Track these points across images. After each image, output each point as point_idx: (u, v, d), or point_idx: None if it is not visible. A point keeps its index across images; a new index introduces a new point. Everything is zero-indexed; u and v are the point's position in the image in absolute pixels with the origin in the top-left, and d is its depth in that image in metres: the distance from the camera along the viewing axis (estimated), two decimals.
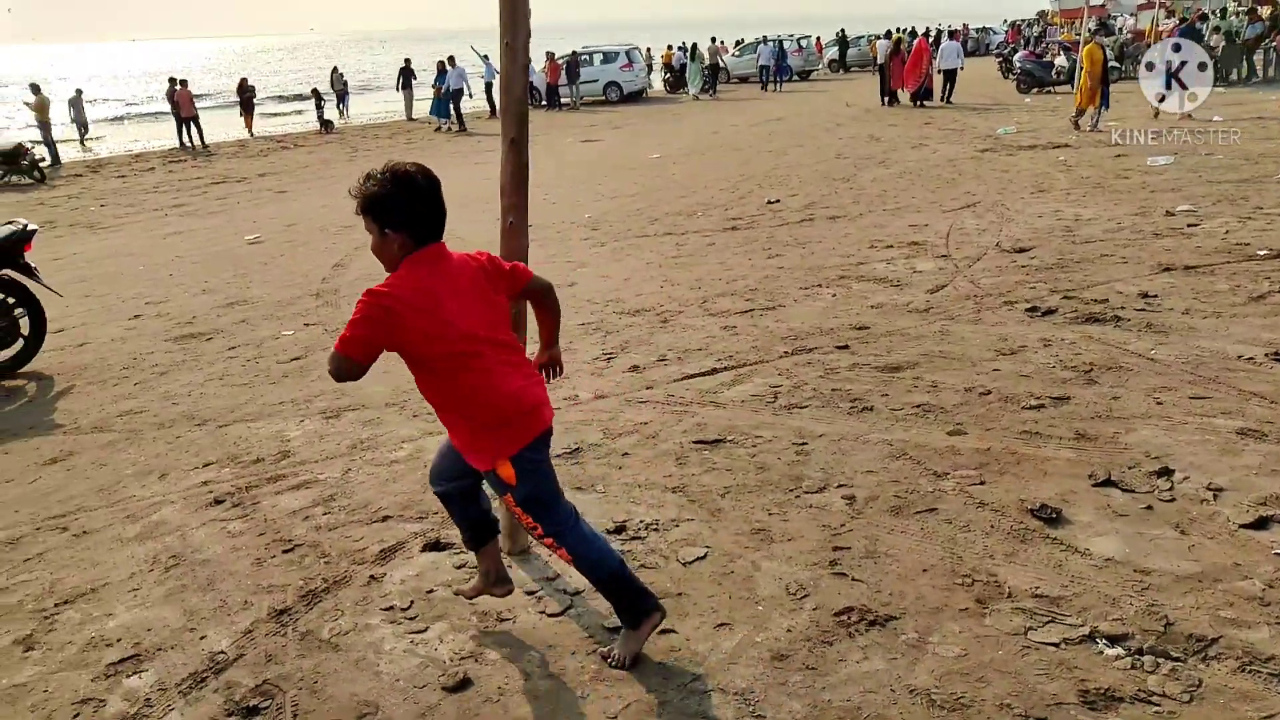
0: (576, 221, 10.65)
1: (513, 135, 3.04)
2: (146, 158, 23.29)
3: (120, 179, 19.55)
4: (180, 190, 17.21)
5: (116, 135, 31.82)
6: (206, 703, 2.83)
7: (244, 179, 18.33)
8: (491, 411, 2.61)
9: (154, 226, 13.38)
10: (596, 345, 6.05)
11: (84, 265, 10.48)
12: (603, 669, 2.84)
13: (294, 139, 26.03)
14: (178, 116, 24.73)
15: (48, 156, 21.73)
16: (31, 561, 3.84)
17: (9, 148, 19.90)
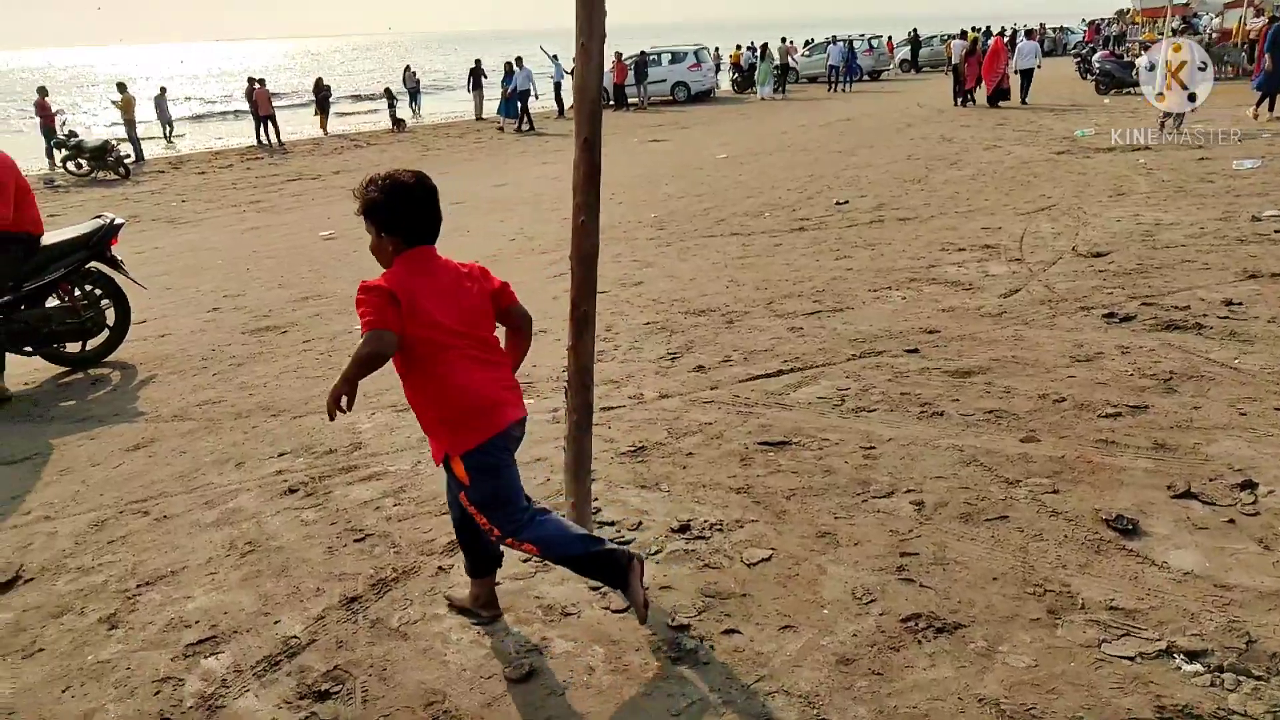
0: (643, 221, 10.68)
1: (586, 135, 3.06)
2: (225, 155, 23.96)
3: (200, 175, 20.15)
4: (257, 187, 17.67)
5: (197, 133, 32.79)
6: (280, 685, 2.90)
7: (318, 176, 18.75)
8: (450, 404, 2.73)
9: (232, 222, 13.76)
10: (661, 344, 6.06)
11: (165, 259, 10.82)
12: (667, 666, 2.85)
13: (366, 137, 26.55)
14: (256, 115, 25.42)
15: (132, 153, 22.48)
16: (115, 543, 3.98)
17: (96, 145, 20.65)
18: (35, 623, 3.40)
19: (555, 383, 5.48)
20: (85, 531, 4.11)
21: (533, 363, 5.88)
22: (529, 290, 7.86)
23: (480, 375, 2.77)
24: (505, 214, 12.19)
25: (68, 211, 14.64)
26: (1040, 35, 38.73)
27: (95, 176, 20.20)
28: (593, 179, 3.12)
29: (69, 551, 3.93)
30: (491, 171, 17.57)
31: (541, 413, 5.04)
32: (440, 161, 20.22)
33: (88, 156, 20.39)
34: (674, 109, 30.11)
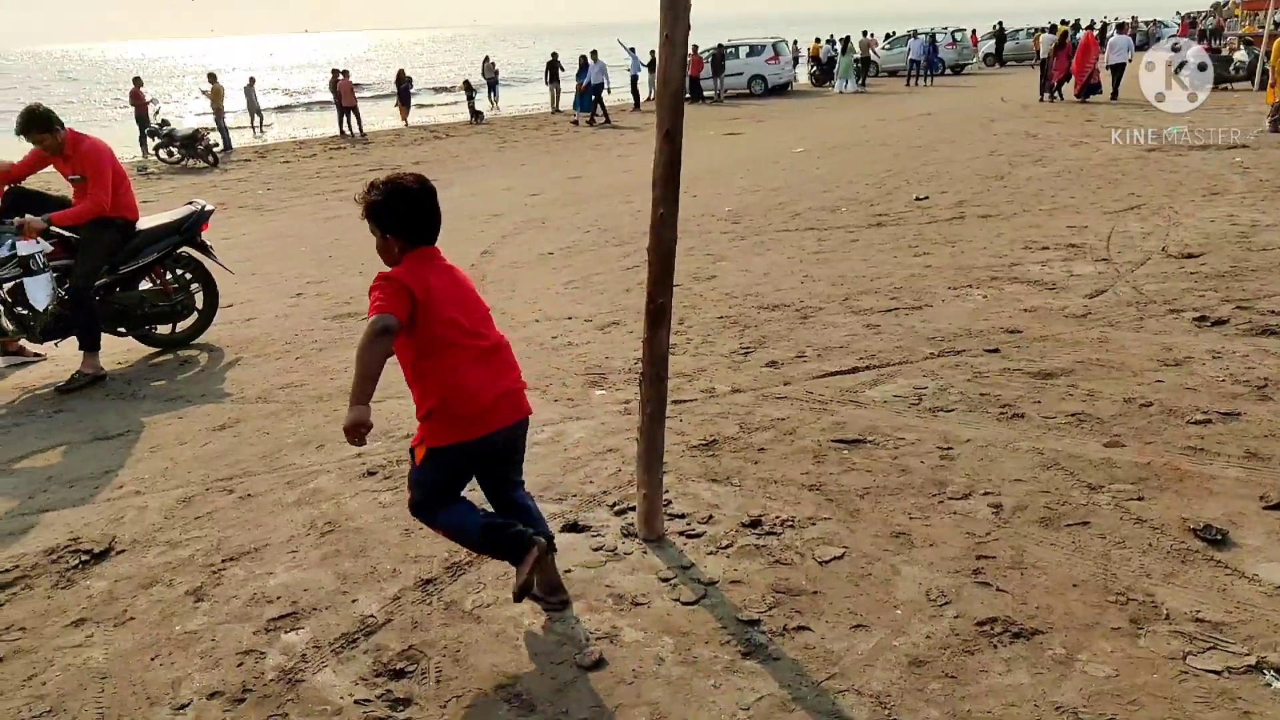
0: (717, 215, 10.65)
1: (668, 127, 3.06)
2: (309, 145, 24.54)
3: (285, 164, 20.67)
4: (340, 176, 18.05)
5: (283, 123, 33.64)
6: (357, 663, 2.98)
7: (398, 167, 19.01)
8: (444, 402, 2.81)
9: (315, 210, 14.10)
10: (734, 339, 6.04)
11: (251, 245, 11.13)
12: (736, 660, 2.85)
13: (445, 129, 26.93)
14: (339, 106, 25.97)
15: (221, 142, 23.19)
16: (202, 519, 4.12)
17: (187, 134, 21.36)
18: (126, 592, 3.54)
19: (627, 375, 5.50)
20: (173, 507, 4.26)
21: (605, 354, 5.92)
22: (603, 282, 7.93)
23: (483, 378, 2.85)
24: (580, 206, 12.26)
25: (160, 197, 15.16)
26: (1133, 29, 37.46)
27: (185, 164, 20.88)
28: (673, 172, 3.12)
29: (158, 526, 4.08)
30: (567, 164, 17.69)
31: (613, 404, 5.07)
32: (517, 154, 20.43)
33: (179, 145, 21.09)
34: (750, 102, 29.94)
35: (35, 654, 3.17)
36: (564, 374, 5.62)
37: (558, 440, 4.64)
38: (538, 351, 6.12)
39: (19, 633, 3.31)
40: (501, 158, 19.90)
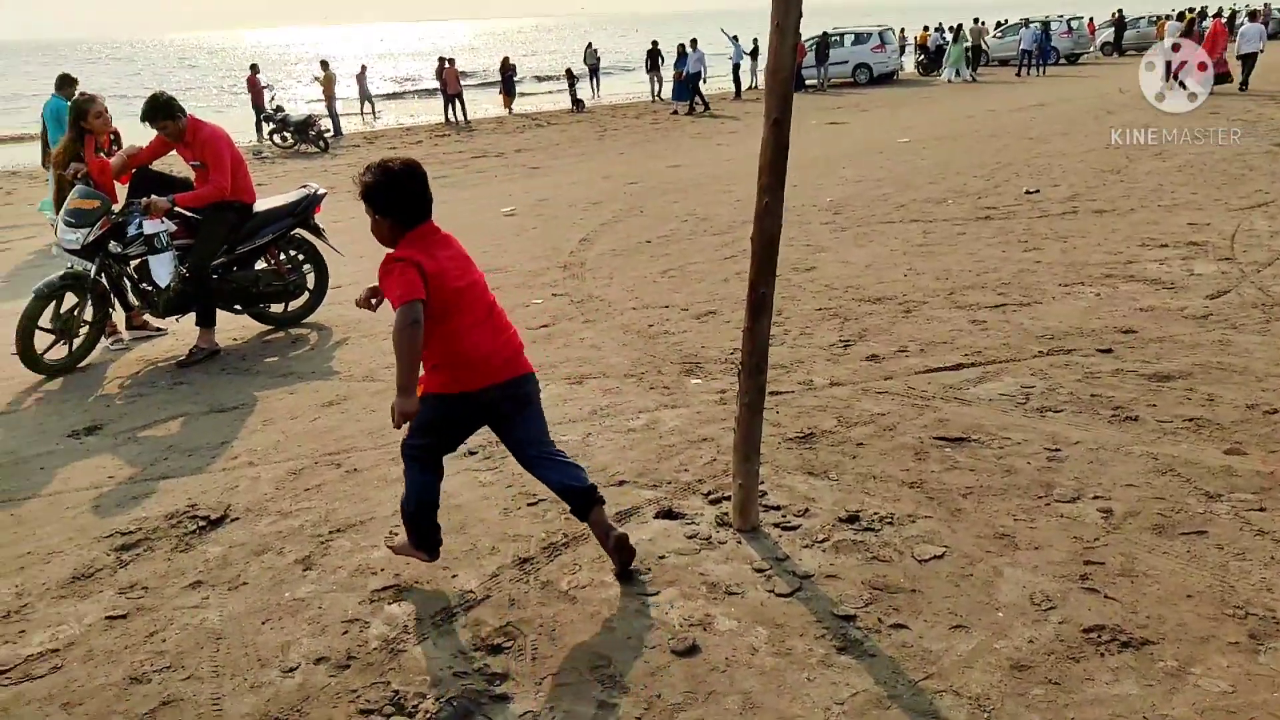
0: (818, 205, 10.52)
1: (776, 115, 3.03)
2: (415, 131, 25.12)
3: (392, 150, 21.18)
4: (444, 163, 18.43)
5: (391, 110, 34.49)
6: (456, 636, 3.05)
7: (501, 154, 19.39)
8: (447, 357, 3.04)
9: None
10: (834, 331, 5.96)
11: (359, 229, 11.37)
12: (830, 655, 2.82)
13: (547, 117, 27.24)
14: (445, 93, 26.49)
15: (331, 128, 23.90)
16: (311, 491, 4.27)
17: (300, 119, 22.09)
18: (240, 558, 3.70)
19: (723, 364, 5.49)
20: (284, 478, 4.43)
21: (701, 344, 5.92)
22: (701, 272, 7.92)
23: (483, 339, 3.08)
24: (679, 195, 12.26)
25: (273, 181, 15.72)
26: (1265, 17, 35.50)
27: (298, 149, 21.61)
28: (780, 160, 3.09)
29: (270, 496, 4.25)
30: (666, 152, 17.69)
31: (709, 394, 5.06)
32: (617, 142, 20.53)
33: (292, 130, 21.84)
34: (854, 91, 29.43)
35: (156, 612, 3.34)
36: (660, 362, 5.64)
37: (652, 427, 4.66)
38: (634, 339, 6.15)
39: (141, 591, 3.50)
40: (601, 146, 20.03)
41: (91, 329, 6.54)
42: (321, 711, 2.74)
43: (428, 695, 2.75)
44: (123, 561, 3.74)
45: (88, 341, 6.54)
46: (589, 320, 6.68)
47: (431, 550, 3.36)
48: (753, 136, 18.86)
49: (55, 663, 3.09)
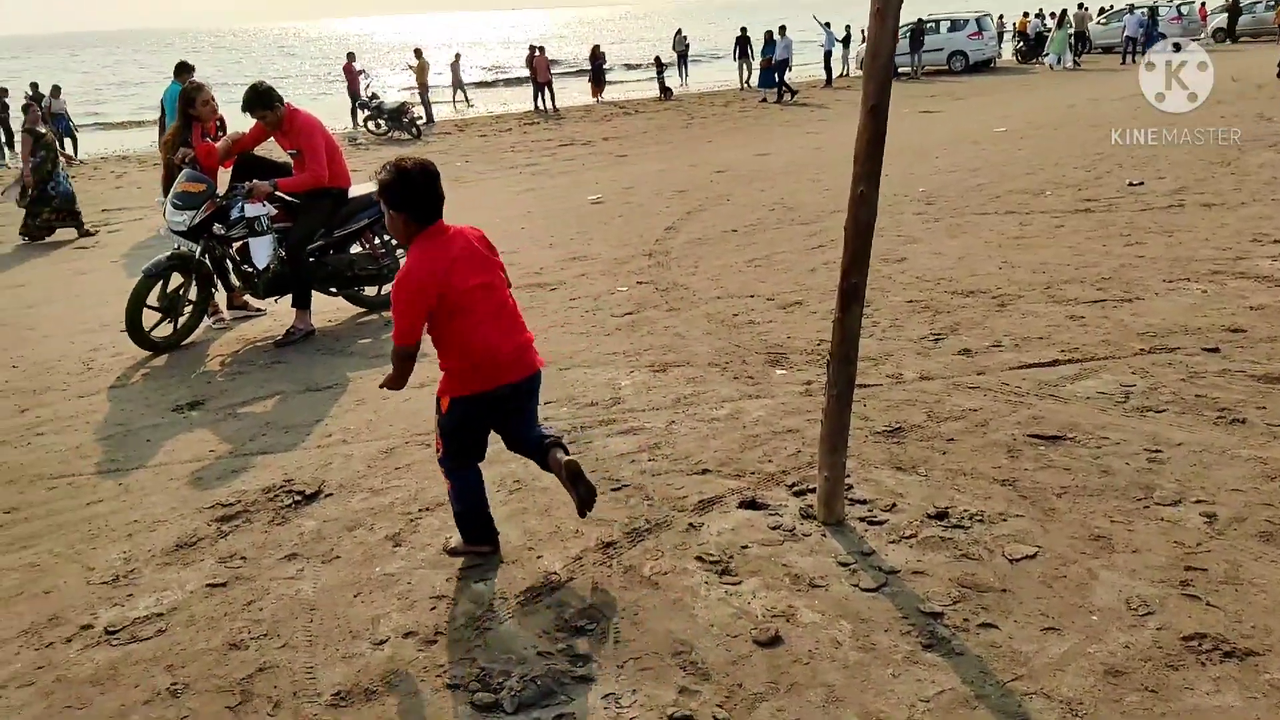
0: (909, 195, 10.31)
1: (874, 102, 2.98)
2: (505, 119, 25.41)
3: (482, 138, 21.50)
4: (533, 151, 18.63)
5: (482, 98, 34.95)
6: (540, 616, 3.09)
7: (588, 142, 19.49)
8: (462, 358, 3.21)
9: (509, 183, 14.60)
10: (924, 324, 5.84)
11: (449, 215, 11.57)
12: (916, 651, 2.78)
13: (635, 105, 27.26)
14: (534, 81, 26.71)
15: (424, 115, 24.33)
16: (401, 470, 4.37)
17: (394, 107, 22.53)
18: (333, 533, 3.81)
19: (809, 355, 5.43)
20: (376, 457, 4.54)
21: (787, 334, 5.87)
22: (787, 261, 7.84)
23: (495, 335, 3.22)
24: (766, 183, 12.15)
25: (367, 167, 16.04)
26: None
27: (391, 136, 22.05)
28: (876, 148, 3.04)
29: (362, 473, 4.36)
30: (754, 141, 17.55)
31: (794, 385, 5.02)
32: (704, 130, 20.45)
33: (386, 117, 22.30)
34: (949, 79, 28.73)
35: (254, 582, 3.47)
36: (744, 351, 5.61)
37: (736, 417, 4.64)
38: (718, 328, 6.12)
39: (240, 561, 3.63)
40: (689, 134, 19.97)
41: (195, 308, 6.80)
42: (409, 684, 2.81)
43: (512, 673, 2.80)
44: (223, 532, 3.89)
45: (191, 320, 6.80)
46: (673, 309, 6.68)
47: (491, 541, 3.50)
48: (842, 125, 18.59)
49: (160, 626, 3.23)
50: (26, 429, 5.33)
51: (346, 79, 24.96)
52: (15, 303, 8.81)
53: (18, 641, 3.21)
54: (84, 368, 6.42)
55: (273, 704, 2.77)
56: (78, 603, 3.43)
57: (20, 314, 8.27)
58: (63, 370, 6.42)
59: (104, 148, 24.10)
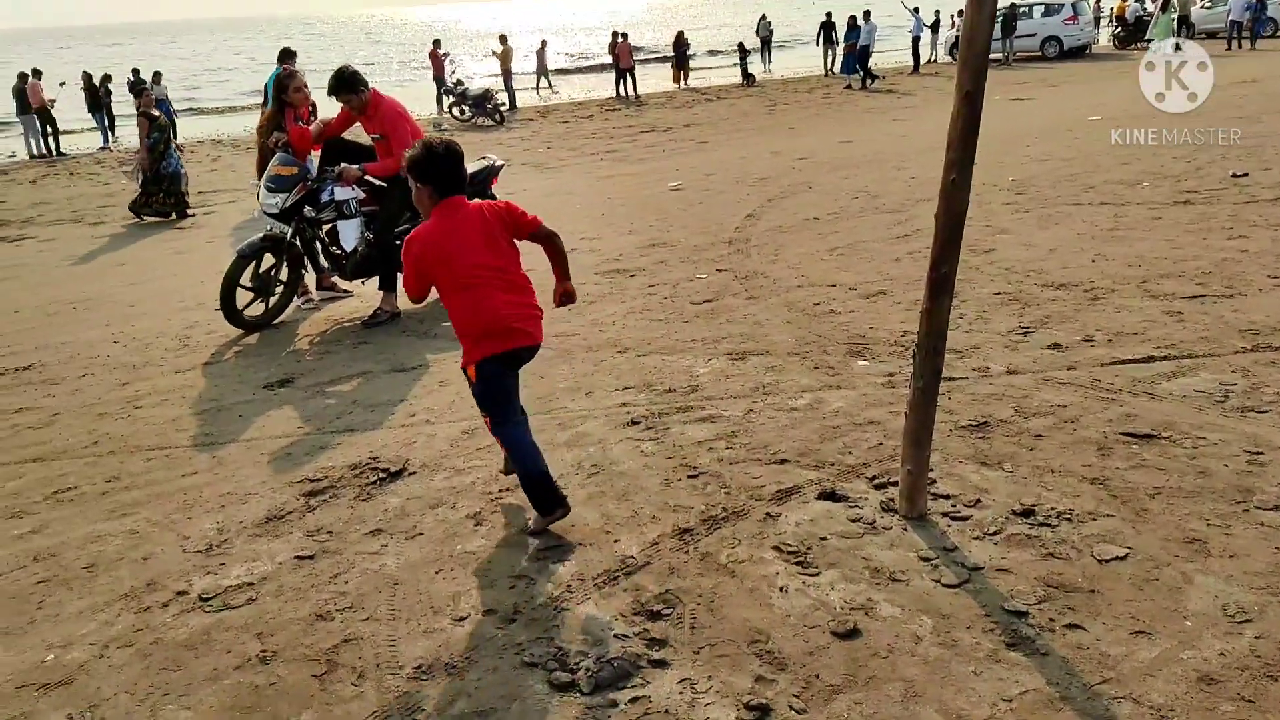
0: (998, 184, 10.05)
1: (968, 88, 2.91)
2: (587, 106, 25.52)
3: (564, 124, 21.63)
4: (614, 137, 18.67)
5: (563, 85, 35.11)
6: (617, 599, 3.11)
7: (669, 129, 19.45)
8: (473, 325, 3.50)
9: (590, 169, 14.67)
10: (1012, 317, 5.70)
11: (531, 201, 11.71)
12: (999, 650, 2.72)
13: (716, 91, 27.10)
14: (617, 68, 26.74)
15: (507, 101, 24.57)
16: (483, 450, 4.44)
17: (478, 93, 22.80)
18: (416, 510, 3.89)
19: (892, 346, 5.35)
20: (458, 437, 4.62)
21: (869, 324, 5.79)
22: (871, 250, 7.72)
23: (502, 304, 3.50)
24: (849, 171, 11.98)
25: None
26: None
27: (475, 122, 22.33)
28: (970, 135, 2.97)
29: (445, 453, 4.45)
30: (838, 128, 17.31)
31: (876, 376, 4.95)
32: (787, 117, 20.23)
33: (470, 104, 22.58)
34: (1041, 65, 27.89)
35: (340, 556, 3.57)
36: (825, 341, 5.54)
37: (816, 408, 4.60)
38: (799, 317, 6.07)
39: (327, 535, 3.74)
40: (771, 120, 19.79)
41: (286, 288, 7.00)
42: (489, 661, 2.86)
43: (589, 654, 2.83)
44: (311, 506, 4.01)
45: (282, 300, 7.00)
46: (753, 297, 6.64)
47: (561, 504, 3.60)
48: (929, 112, 18.20)
49: (250, 595, 3.34)
50: (127, 402, 5.56)
51: (432, 65, 25.34)
52: (118, 281, 9.18)
53: (119, 605, 3.36)
54: (181, 344, 6.67)
55: (357, 674, 2.85)
56: (174, 570, 3.57)
57: (122, 291, 8.63)
58: (161, 346, 6.67)
59: (200, 132, 24.94)
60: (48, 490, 4.40)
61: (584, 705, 2.63)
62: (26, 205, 14.92)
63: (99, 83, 23.34)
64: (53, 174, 18.75)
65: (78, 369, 6.29)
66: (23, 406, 5.62)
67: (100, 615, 3.29)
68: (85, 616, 3.29)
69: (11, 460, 4.80)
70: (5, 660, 3.07)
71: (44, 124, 21.81)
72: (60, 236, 12.12)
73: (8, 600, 3.44)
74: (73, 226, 12.83)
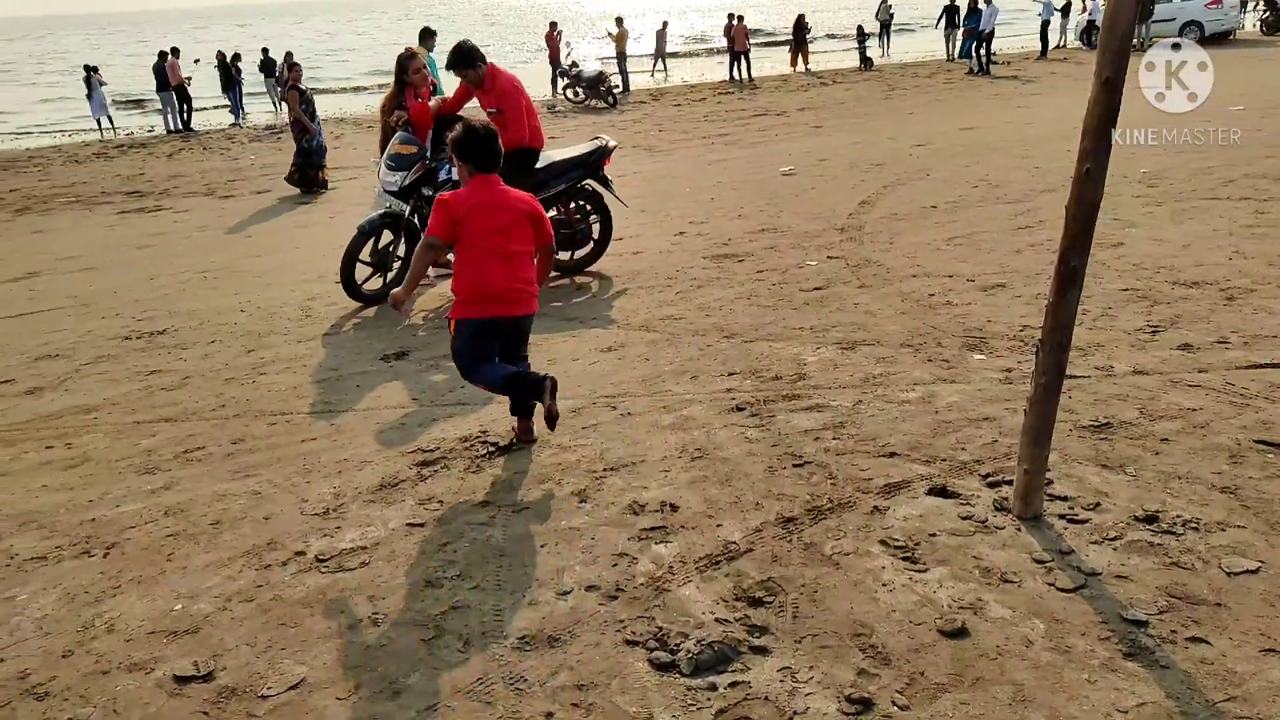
0: (1129, 176, 9.60)
1: (1108, 74, 2.78)
2: (700, 89, 25.40)
3: (676, 107, 21.58)
4: (725, 121, 18.54)
5: (678, 67, 35.01)
6: (718, 584, 3.11)
7: (783, 113, 19.21)
8: (468, 286, 4.08)
9: (701, 153, 14.61)
10: (1140, 315, 5.46)
11: (642, 183, 11.78)
12: (1115, 659, 2.62)
13: (833, 75, 26.63)
14: (731, 50, 26.52)
15: (620, 84, 24.64)
16: (588, 430, 4.49)
17: (592, 75, 22.93)
18: (523, 485, 3.96)
19: (1011, 341, 5.18)
20: (565, 415, 4.66)
21: (987, 318, 5.62)
22: (991, 241, 7.48)
23: (499, 273, 4.03)
24: (970, 159, 11.62)
25: (564, 134, 16.48)
26: None
27: (588, 104, 22.47)
28: (1107, 124, 2.84)
29: (551, 430, 4.50)
30: (959, 114, 16.80)
31: (993, 371, 4.80)
32: (905, 102, 19.74)
33: (584, 86, 22.74)
34: None
35: (449, 525, 3.66)
36: (940, 334, 5.41)
37: (928, 401, 4.49)
38: (913, 308, 5.93)
39: (437, 505, 3.84)
40: (888, 106, 19.34)
41: (403, 264, 7.19)
42: (591, 636, 2.89)
43: (689, 636, 2.83)
44: (422, 476, 4.12)
45: (399, 275, 7.19)
46: (865, 286, 6.52)
47: (542, 381, 4.08)
48: (1056, 99, 17.50)
49: (364, 559, 3.46)
50: (252, 368, 5.81)
51: (548, 47, 25.58)
52: (245, 252, 9.60)
53: (241, 560, 3.52)
54: (303, 315, 6.93)
55: (463, 641, 2.92)
56: (292, 530, 3.72)
57: (250, 262, 9.01)
58: (284, 316, 6.95)
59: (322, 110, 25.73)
60: (178, 449, 4.64)
61: (684, 686, 2.64)
62: (163, 178, 15.72)
63: (229, 61, 24.38)
64: (187, 148, 19.69)
65: (207, 335, 6.60)
66: (157, 369, 5.93)
67: (224, 570, 3.46)
68: (210, 570, 3.46)
69: (146, 419, 5.08)
70: (138, 607, 3.25)
71: (180, 101, 22.93)
72: (193, 208, 12.72)
73: (140, 551, 3.65)
74: (205, 199, 13.45)
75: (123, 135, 23.48)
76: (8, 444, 4.85)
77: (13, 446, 4.82)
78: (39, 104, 34.62)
